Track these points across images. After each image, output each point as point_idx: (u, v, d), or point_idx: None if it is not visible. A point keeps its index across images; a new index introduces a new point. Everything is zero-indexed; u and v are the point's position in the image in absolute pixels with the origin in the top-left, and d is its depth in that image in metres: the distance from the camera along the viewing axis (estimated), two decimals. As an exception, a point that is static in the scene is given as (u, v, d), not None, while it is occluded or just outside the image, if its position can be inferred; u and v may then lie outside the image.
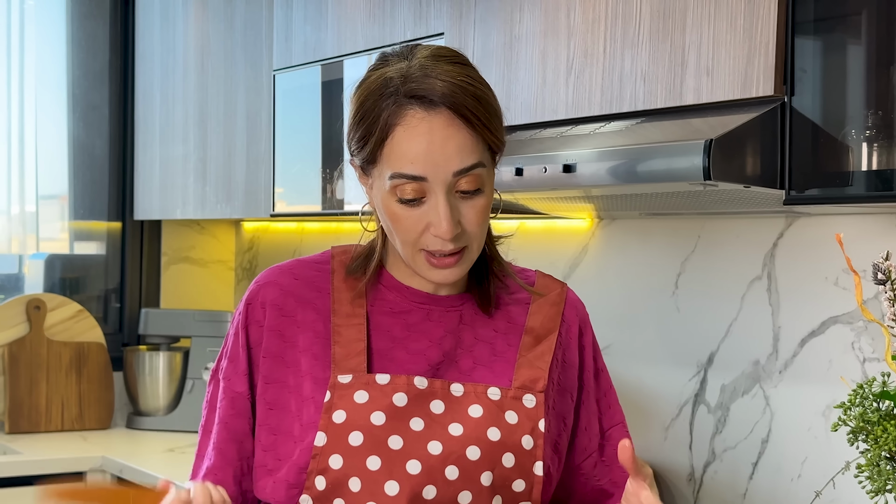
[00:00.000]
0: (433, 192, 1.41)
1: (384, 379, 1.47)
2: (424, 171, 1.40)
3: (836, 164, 1.86)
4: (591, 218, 2.76)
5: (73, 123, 4.09)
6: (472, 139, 1.41)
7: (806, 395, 2.28)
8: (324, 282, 1.54)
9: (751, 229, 2.39)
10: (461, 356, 1.52)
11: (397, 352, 1.50)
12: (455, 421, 1.47)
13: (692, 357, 2.52)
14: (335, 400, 1.46)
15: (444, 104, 1.40)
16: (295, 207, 3.25)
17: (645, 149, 1.97)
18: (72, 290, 4.08)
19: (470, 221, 1.43)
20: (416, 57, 1.44)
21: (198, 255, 4.23)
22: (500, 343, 1.54)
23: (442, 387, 1.48)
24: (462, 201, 1.43)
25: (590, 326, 1.62)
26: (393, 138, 1.41)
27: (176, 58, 3.80)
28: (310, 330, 1.51)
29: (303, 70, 3.18)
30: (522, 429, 1.48)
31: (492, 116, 1.44)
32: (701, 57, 2.02)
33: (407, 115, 1.40)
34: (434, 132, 1.40)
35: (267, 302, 1.52)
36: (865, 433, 1.37)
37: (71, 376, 3.80)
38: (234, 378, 1.53)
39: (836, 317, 2.22)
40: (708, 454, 2.49)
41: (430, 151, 1.39)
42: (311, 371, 1.49)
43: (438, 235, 1.41)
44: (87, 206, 4.12)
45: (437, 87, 1.40)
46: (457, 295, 1.55)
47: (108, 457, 3.39)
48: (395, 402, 1.46)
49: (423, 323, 1.52)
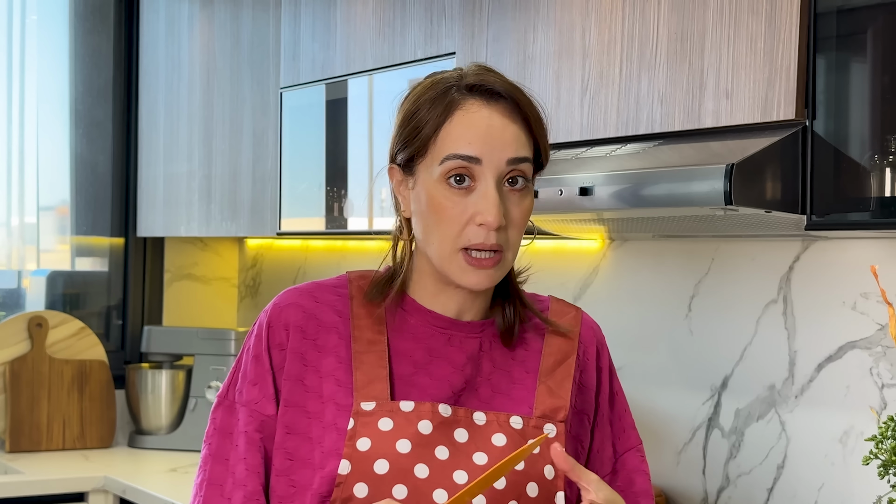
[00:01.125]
0: (483, 178, 1.41)
1: (408, 406, 1.45)
2: (481, 152, 1.41)
3: (858, 189, 1.84)
4: (602, 239, 2.74)
5: (76, 139, 4.06)
6: (526, 134, 1.44)
7: (823, 420, 2.25)
8: (343, 306, 1.51)
9: (766, 252, 2.37)
10: (480, 384, 1.50)
11: (420, 377, 1.48)
12: (479, 450, 1.45)
13: (706, 380, 2.49)
14: (359, 427, 1.43)
15: (506, 94, 1.43)
16: (301, 226, 3.23)
17: (665, 172, 1.95)
18: (72, 307, 4.05)
19: (512, 220, 1.43)
20: (472, 67, 1.48)
21: (201, 272, 4.20)
22: (517, 371, 1.52)
23: (465, 415, 1.47)
24: (508, 196, 1.43)
25: (606, 348, 1.61)
26: (451, 121, 1.42)
27: (181, 74, 3.77)
28: (332, 354, 1.48)
29: (310, 88, 3.16)
30: (545, 458, 1.46)
31: (543, 124, 1.47)
32: (720, 79, 2.00)
33: (468, 101, 1.43)
34: (494, 118, 1.42)
35: (290, 324, 1.49)
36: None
37: (73, 394, 3.77)
38: (263, 402, 1.48)
39: (854, 342, 2.20)
40: (722, 479, 2.46)
41: (489, 134, 1.41)
42: (334, 397, 1.46)
43: (484, 223, 1.40)
44: (89, 223, 4.10)
45: (497, 82, 1.44)
46: (478, 322, 1.52)
47: (110, 476, 3.35)
48: (421, 430, 1.44)
49: (445, 348, 1.50)
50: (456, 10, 2.61)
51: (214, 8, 3.62)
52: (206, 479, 1.49)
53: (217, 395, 1.52)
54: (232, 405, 1.50)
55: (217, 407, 1.52)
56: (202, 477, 1.49)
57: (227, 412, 1.50)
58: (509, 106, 1.43)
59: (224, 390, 1.52)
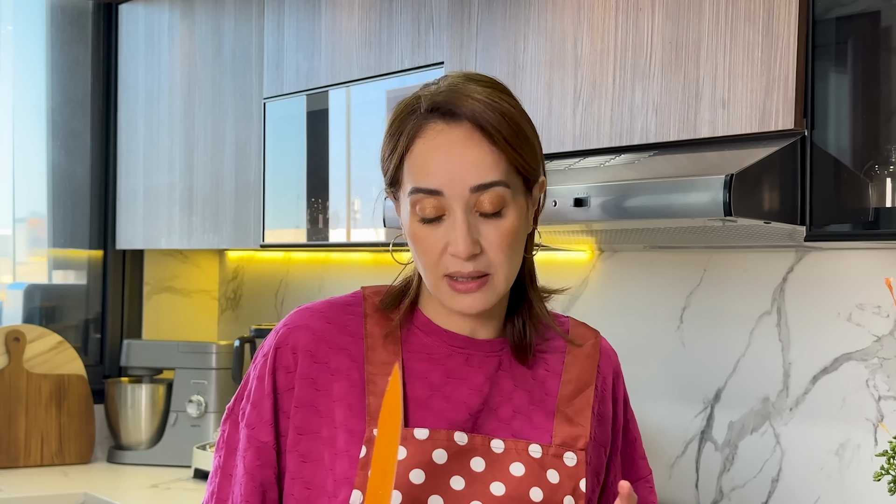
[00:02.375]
0: (451, 209, 1.35)
1: (423, 434, 1.39)
2: (441, 184, 1.35)
3: (857, 200, 1.82)
4: (592, 250, 2.71)
5: (54, 150, 4.01)
6: (494, 156, 1.35)
7: (818, 433, 2.23)
8: (357, 326, 1.46)
9: (759, 263, 2.35)
10: (500, 404, 1.45)
11: (436, 400, 1.43)
12: (497, 479, 1.40)
13: (698, 393, 2.47)
14: (371, 456, 1.37)
15: (465, 116, 1.35)
16: (284, 238, 3.19)
17: (663, 183, 1.92)
18: (50, 321, 3.99)
19: (491, 244, 1.36)
20: (449, 78, 1.41)
21: (181, 284, 4.15)
22: (537, 391, 1.47)
23: (482, 443, 1.41)
24: (483, 222, 1.36)
25: (622, 377, 1.57)
26: (412, 152, 1.37)
27: (161, 85, 3.73)
28: (344, 378, 1.43)
29: (293, 99, 3.12)
30: (564, 489, 1.42)
31: (519, 137, 1.37)
32: (716, 89, 1.98)
33: (428, 127, 1.37)
34: (452, 145, 1.35)
35: (299, 347, 1.44)
36: (908, 482, 1.32)
37: (51, 409, 3.71)
38: (259, 426, 1.44)
39: (850, 353, 2.18)
40: (715, 493, 2.43)
41: (447, 163, 1.35)
42: (346, 423, 1.41)
43: (455, 254, 1.35)
44: (67, 235, 4.04)
45: (459, 101, 1.36)
46: (496, 339, 1.47)
47: (90, 493, 3.30)
48: (435, 460, 1.39)
49: (463, 369, 1.44)
50: (444, 19, 2.58)
51: (195, 17, 3.58)
52: (216, 492, 1.47)
53: (227, 407, 1.49)
54: (237, 421, 1.48)
55: (225, 419, 1.49)
56: (212, 489, 1.48)
57: (234, 427, 1.48)
58: (470, 128, 1.35)
59: (232, 403, 1.49)
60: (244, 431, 1.45)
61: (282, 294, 3.84)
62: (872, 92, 1.81)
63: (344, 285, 3.33)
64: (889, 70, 1.79)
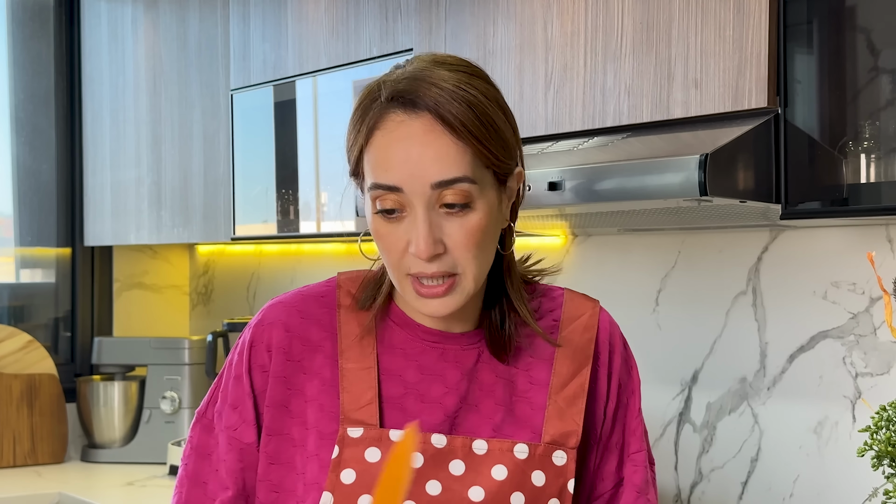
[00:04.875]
0: (412, 206, 1.27)
1: (398, 436, 1.32)
2: (400, 180, 1.26)
3: (832, 177, 1.82)
4: (565, 234, 2.70)
5: (18, 147, 3.96)
6: (457, 149, 1.25)
7: (796, 411, 2.23)
8: (330, 319, 1.39)
9: (734, 243, 2.35)
10: (481, 399, 1.37)
11: (409, 400, 1.36)
12: (476, 484, 1.33)
13: (675, 375, 2.47)
14: (344, 457, 1.32)
15: (426, 107, 1.25)
16: (255, 230, 3.16)
17: (637, 164, 1.91)
18: (18, 320, 3.95)
19: (456, 242, 1.27)
20: (416, 61, 1.32)
21: (151, 280, 4.12)
22: (521, 381, 1.39)
23: (463, 444, 1.34)
24: (446, 219, 1.27)
25: (619, 348, 1.46)
26: (371, 144, 1.28)
27: (126, 79, 3.69)
28: (317, 377, 1.37)
29: (261, 90, 3.09)
30: (549, 492, 1.35)
31: (486, 128, 1.26)
32: (689, 69, 1.97)
33: (388, 118, 1.27)
34: (412, 137, 1.26)
35: (273, 345, 1.38)
36: (892, 458, 1.31)
37: (22, 409, 3.67)
38: (242, 428, 1.38)
39: (826, 331, 2.18)
40: (695, 474, 2.43)
41: (407, 159, 1.25)
42: (317, 424, 1.36)
43: (416, 254, 1.27)
44: (34, 233, 4.00)
45: (421, 90, 1.26)
46: (473, 332, 1.40)
47: (64, 493, 3.27)
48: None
49: (437, 364, 1.37)
50: (412, 6, 2.56)
51: (159, 10, 3.54)
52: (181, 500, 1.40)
53: (196, 412, 1.43)
54: (210, 425, 1.41)
55: (195, 424, 1.42)
56: (178, 499, 1.41)
57: (205, 432, 1.41)
58: (431, 118, 1.26)
59: (203, 407, 1.43)
60: (224, 434, 1.40)
61: (254, 287, 3.82)
62: (845, 68, 1.81)
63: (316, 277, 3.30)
64: (856, 47, 1.79)
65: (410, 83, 1.27)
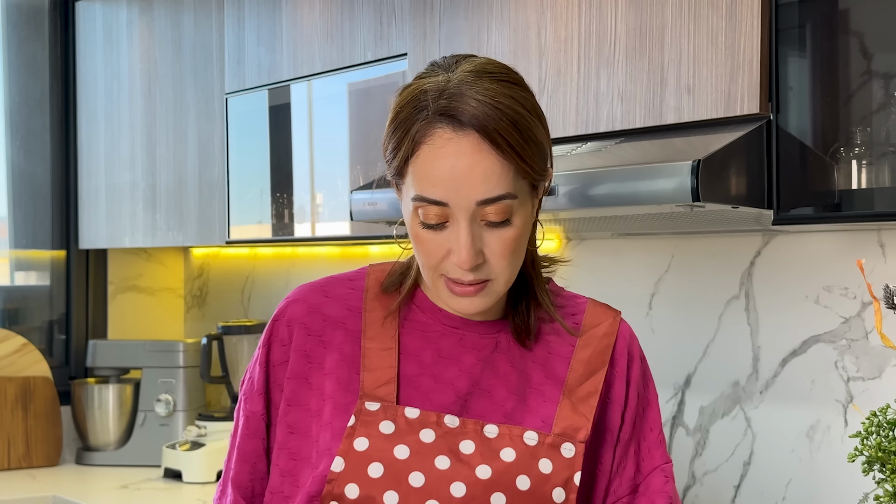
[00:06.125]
0: (455, 219, 1.33)
1: (413, 413, 1.39)
2: (447, 196, 1.32)
3: (824, 183, 1.83)
4: (559, 239, 2.71)
5: (13, 150, 3.96)
6: (502, 167, 1.32)
7: (789, 415, 2.24)
8: (356, 300, 1.47)
9: (727, 248, 2.36)
10: (494, 386, 1.43)
11: (424, 379, 1.42)
12: (485, 462, 1.38)
13: (668, 379, 2.48)
14: (359, 426, 1.39)
15: (474, 126, 1.31)
16: (250, 233, 3.17)
17: (630, 170, 1.92)
18: (13, 322, 3.95)
19: (494, 252, 1.34)
20: (459, 70, 1.35)
21: (145, 283, 4.12)
22: (536, 374, 1.44)
23: (475, 427, 1.39)
24: (487, 230, 1.34)
25: (638, 360, 1.50)
26: (418, 157, 1.33)
27: (121, 82, 3.69)
28: (337, 351, 1.44)
29: (255, 93, 3.10)
30: (555, 480, 1.38)
31: (529, 144, 1.33)
32: (681, 75, 1.98)
33: (435, 133, 1.32)
34: (460, 156, 1.31)
35: (294, 320, 1.46)
36: (882, 463, 1.32)
37: (17, 412, 3.67)
38: (251, 396, 1.48)
39: (818, 335, 2.19)
40: (688, 478, 2.44)
41: (454, 177, 1.31)
42: (333, 396, 1.42)
43: (457, 264, 1.34)
44: (29, 235, 4.00)
45: (470, 107, 1.31)
46: (494, 321, 1.46)
47: (59, 496, 3.27)
48: (422, 438, 1.38)
49: (455, 349, 1.44)
50: (406, 11, 2.57)
51: (154, 14, 3.55)
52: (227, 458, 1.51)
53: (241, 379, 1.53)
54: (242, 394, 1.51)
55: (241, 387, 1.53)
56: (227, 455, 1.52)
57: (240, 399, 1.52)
58: (478, 137, 1.31)
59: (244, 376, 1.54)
60: (242, 400, 1.50)
61: (248, 290, 3.82)
62: (837, 74, 1.82)
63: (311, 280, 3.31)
64: (848, 52, 1.80)
65: (457, 100, 1.31)
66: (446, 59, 1.38)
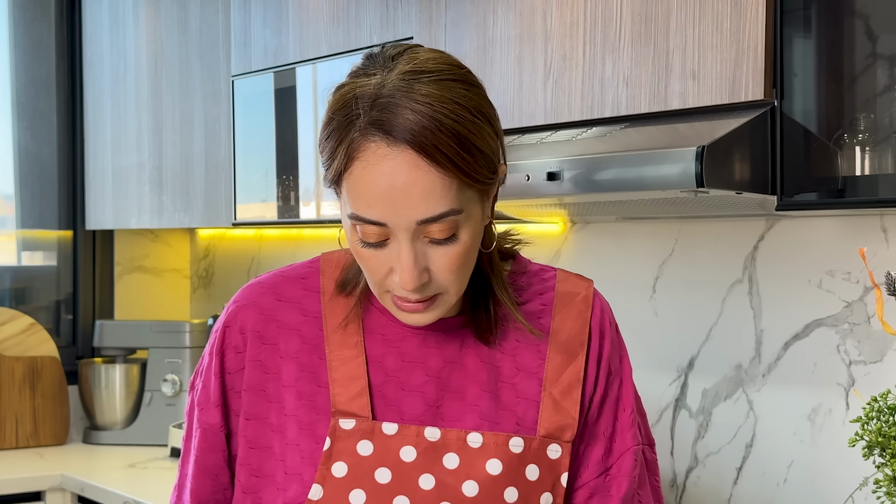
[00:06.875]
0: (395, 237, 1.23)
1: (391, 429, 1.31)
2: (384, 217, 1.21)
3: (827, 169, 1.85)
4: (563, 222, 2.73)
5: (20, 131, 3.98)
6: (443, 183, 1.20)
7: (791, 398, 2.26)
8: (311, 303, 1.37)
9: (730, 232, 2.37)
10: (466, 386, 1.35)
11: (389, 388, 1.34)
12: (470, 478, 1.31)
13: (672, 362, 2.49)
14: (335, 450, 1.31)
15: (409, 143, 1.19)
16: (256, 215, 3.19)
17: (634, 156, 1.94)
18: (20, 302, 3.98)
19: (440, 269, 1.25)
20: (396, 70, 1.23)
21: (152, 264, 4.14)
22: (507, 367, 1.36)
23: (458, 438, 1.32)
24: (432, 248, 1.24)
25: (610, 334, 1.42)
26: (352, 173, 1.22)
27: (127, 64, 3.71)
28: (293, 362, 1.35)
29: (262, 76, 3.11)
30: (542, 486, 1.33)
31: (472, 154, 1.21)
32: (686, 61, 1.99)
33: (369, 149, 1.21)
34: (396, 174, 1.19)
35: (247, 328, 1.37)
36: (882, 448, 1.34)
37: (24, 392, 3.70)
38: (207, 408, 1.38)
39: (821, 319, 2.21)
40: (690, 459, 2.46)
41: (391, 197, 1.20)
42: (296, 413, 1.34)
43: (401, 286, 1.24)
44: (35, 216, 4.02)
45: (405, 120, 1.19)
46: (456, 317, 1.36)
47: (67, 474, 3.30)
48: (403, 458, 1.31)
49: (419, 351, 1.35)
50: (412, -5, 2.58)
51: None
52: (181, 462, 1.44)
53: (191, 379, 1.44)
54: (193, 398, 1.43)
55: (189, 390, 1.44)
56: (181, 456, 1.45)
57: (191, 402, 1.43)
58: (415, 154, 1.19)
59: (193, 376, 1.44)
60: (196, 410, 1.41)
61: (254, 271, 3.84)
62: (838, 60, 1.83)
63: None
64: (853, 34, 1.81)
65: (391, 111, 1.20)
66: (385, 53, 1.27)
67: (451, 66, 1.25)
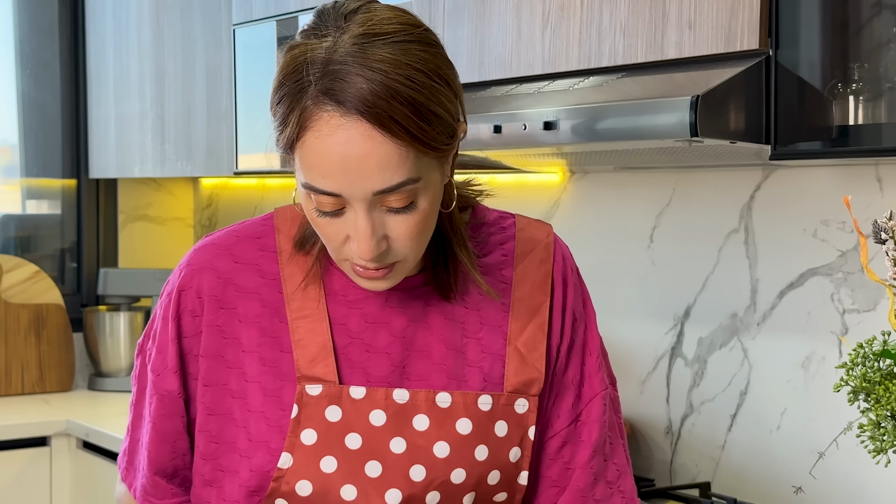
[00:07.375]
0: (351, 207, 1.20)
1: (359, 393, 1.29)
2: (339, 188, 1.18)
3: (821, 118, 1.85)
4: (562, 172, 2.74)
5: (23, 79, 3.99)
6: (399, 153, 1.17)
7: (785, 346, 2.29)
8: (269, 264, 1.33)
9: (727, 182, 2.38)
10: (432, 344, 1.33)
11: (354, 350, 1.31)
12: (441, 439, 1.30)
13: (668, 311, 2.52)
14: (303, 417, 1.28)
15: (362, 113, 1.14)
16: (258, 164, 3.20)
17: (629, 105, 1.95)
18: (25, 250, 4.00)
19: (399, 237, 1.22)
20: (348, 32, 1.17)
21: (155, 212, 4.16)
22: (472, 322, 1.34)
23: (427, 398, 1.30)
24: (390, 216, 1.21)
25: (573, 280, 1.39)
26: (304, 143, 1.18)
27: (129, 12, 3.71)
28: (254, 326, 1.32)
29: (263, 25, 3.11)
30: (511, 441, 1.32)
31: (429, 121, 1.17)
32: (682, 10, 2.00)
33: (322, 118, 1.16)
34: (350, 145, 1.15)
35: (203, 291, 1.32)
36: (867, 393, 1.36)
37: (30, 339, 3.74)
38: (164, 374, 1.34)
39: (815, 268, 2.23)
40: (685, 407, 2.49)
41: (346, 168, 1.16)
42: (260, 379, 1.31)
43: (359, 255, 1.22)
44: (40, 164, 4.04)
45: (359, 89, 1.14)
46: (418, 275, 1.34)
47: (72, 420, 3.34)
48: (373, 422, 1.29)
49: (382, 312, 1.32)
50: (412, -57, 2.57)
51: (162, -57, 3.55)
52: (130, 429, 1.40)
53: (138, 342, 1.40)
54: (144, 362, 1.38)
55: (137, 354, 1.40)
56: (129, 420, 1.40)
57: (143, 366, 1.39)
58: (369, 125, 1.15)
59: (142, 339, 1.40)
60: (150, 376, 1.36)
61: (256, 220, 3.86)
62: (836, 10, 1.83)
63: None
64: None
65: (343, 79, 1.15)
66: (338, 9, 1.21)
67: (407, 25, 1.20)
